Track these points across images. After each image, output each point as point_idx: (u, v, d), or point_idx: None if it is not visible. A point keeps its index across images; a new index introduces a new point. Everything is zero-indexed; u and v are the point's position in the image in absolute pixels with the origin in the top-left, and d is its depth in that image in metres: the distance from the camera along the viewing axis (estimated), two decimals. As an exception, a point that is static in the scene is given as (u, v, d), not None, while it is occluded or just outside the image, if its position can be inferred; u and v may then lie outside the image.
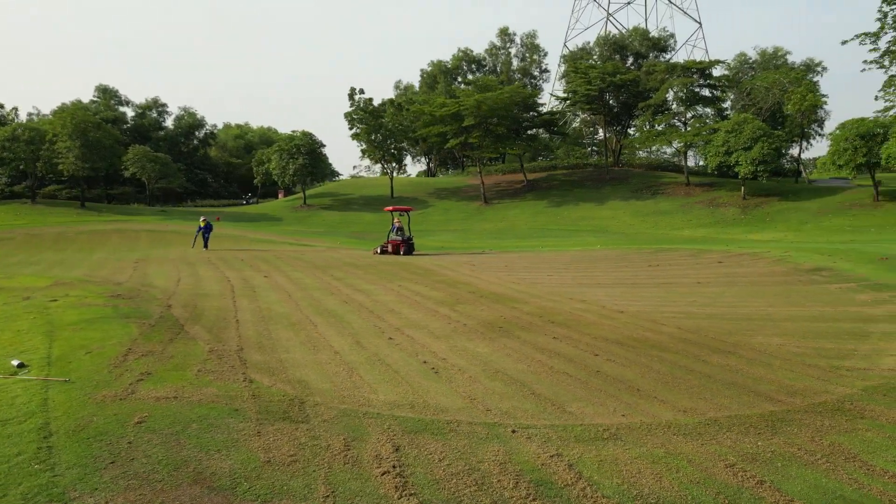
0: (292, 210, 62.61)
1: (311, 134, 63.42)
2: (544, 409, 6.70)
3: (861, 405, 7.00)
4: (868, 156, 38.48)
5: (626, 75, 60.80)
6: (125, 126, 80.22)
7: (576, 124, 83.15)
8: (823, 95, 55.92)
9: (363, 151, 68.28)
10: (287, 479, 4.84)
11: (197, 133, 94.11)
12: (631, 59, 74.01)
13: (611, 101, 64.63)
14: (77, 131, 55.19)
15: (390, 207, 32.00)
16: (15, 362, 7.85)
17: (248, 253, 27.73)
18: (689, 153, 63.33)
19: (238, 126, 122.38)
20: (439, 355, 9.02)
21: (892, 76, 42.39)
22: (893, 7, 41.45)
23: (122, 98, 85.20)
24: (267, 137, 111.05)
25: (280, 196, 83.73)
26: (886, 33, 42.69)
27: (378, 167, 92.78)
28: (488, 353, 9.17)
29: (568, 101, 66.92)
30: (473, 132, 57.41)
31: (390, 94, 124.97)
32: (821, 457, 5.47)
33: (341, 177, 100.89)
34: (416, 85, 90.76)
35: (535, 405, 6.81)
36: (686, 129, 57.22)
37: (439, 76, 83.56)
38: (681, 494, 4.69)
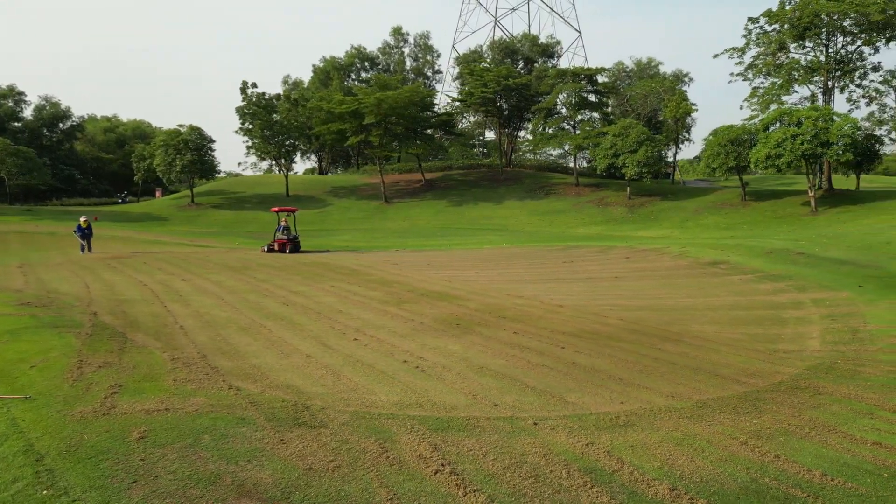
0: (179, 209, 58.95)
1: (199, 129, 59.91)
2: (547, 401, 6.91)
3: (814, 383, 7.83)
4: (738, 159, 42.51)
5: (518, 79, 62.80)
6: (-25, 116, 71.90)
7: (464, 125, 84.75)
8: (693, 103, 61.02)
9: (249, 147, 65.47)
10: (339, 485, 4.68)
11: (61, 125, 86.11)
12: (521, 64, 76.59)
13: (502, 104, 66.49)
14: (-78, 120, 48.72)
15: (276, 208, 34.16)
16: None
17: (147, 256, 25.85)
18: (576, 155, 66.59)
19: (107, 118, 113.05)
20: (415, 354, 8.99)
21: (755, 88, 47.13)
22: (757, 25, 46.16)
23: (-30, 85, 76.23)
24: (141, 131, 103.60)
25: (158, 194, 78.43)
26: (751, 49, 47.43)
27: (265, 164, 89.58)
28: (462, 351, 9.26)
29: (464, 103, 68.02)
30: (373, 130, 56.92)
31: (277, 89, 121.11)
32: (809, 430, 6.08)
33: (220, 174, 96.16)
34: (306, 81, 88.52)
35: (536, 398, 7.00)
36: (575, 132, 60.16)
37: (333, 73, 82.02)
38: (717, 472, 5.05)
